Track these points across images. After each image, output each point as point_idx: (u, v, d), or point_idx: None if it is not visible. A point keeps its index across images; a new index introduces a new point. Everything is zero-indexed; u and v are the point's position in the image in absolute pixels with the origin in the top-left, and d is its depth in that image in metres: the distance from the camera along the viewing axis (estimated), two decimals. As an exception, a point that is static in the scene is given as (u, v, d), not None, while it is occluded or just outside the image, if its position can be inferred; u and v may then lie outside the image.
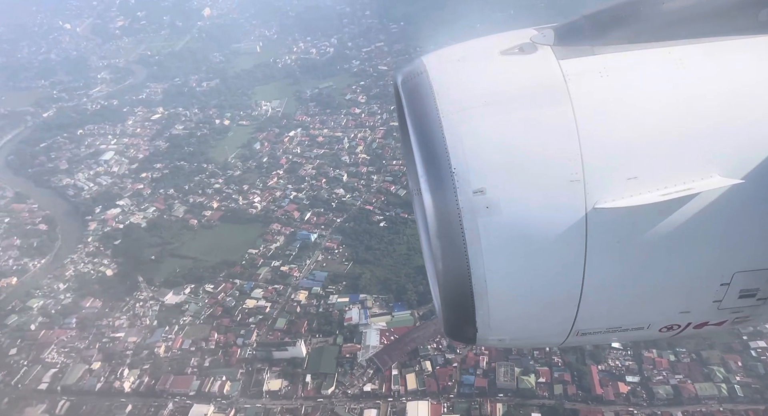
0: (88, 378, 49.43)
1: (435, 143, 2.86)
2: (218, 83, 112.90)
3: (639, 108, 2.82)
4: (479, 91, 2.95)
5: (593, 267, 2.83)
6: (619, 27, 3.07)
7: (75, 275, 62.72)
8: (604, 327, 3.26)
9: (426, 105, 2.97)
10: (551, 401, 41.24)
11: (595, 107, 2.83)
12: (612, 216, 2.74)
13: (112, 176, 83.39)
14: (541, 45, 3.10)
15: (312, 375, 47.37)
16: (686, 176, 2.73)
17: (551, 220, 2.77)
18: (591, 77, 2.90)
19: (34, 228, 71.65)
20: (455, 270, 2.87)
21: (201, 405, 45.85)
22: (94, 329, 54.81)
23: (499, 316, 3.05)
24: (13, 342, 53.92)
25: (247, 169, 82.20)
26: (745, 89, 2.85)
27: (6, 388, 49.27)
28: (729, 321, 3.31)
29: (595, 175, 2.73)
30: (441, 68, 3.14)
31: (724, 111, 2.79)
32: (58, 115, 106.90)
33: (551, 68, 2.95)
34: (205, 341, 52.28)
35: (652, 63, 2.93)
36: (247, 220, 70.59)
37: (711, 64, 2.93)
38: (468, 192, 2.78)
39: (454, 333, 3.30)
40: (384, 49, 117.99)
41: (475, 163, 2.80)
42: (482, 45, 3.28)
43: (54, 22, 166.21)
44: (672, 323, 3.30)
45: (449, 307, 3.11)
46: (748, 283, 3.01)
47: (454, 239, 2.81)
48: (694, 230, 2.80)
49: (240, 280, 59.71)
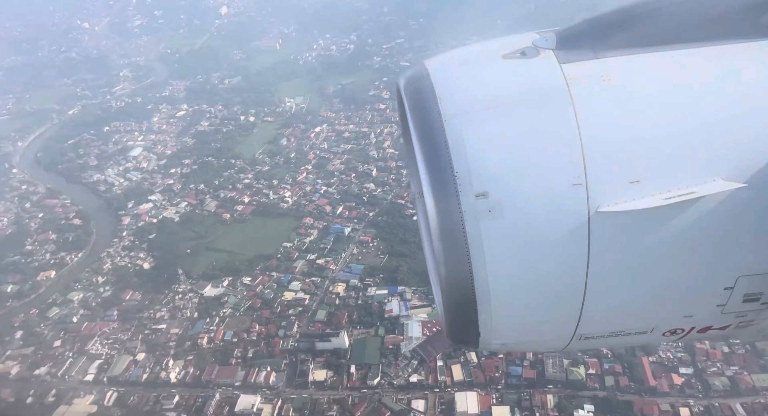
0: (133, 369, 49.93)
1: (437, 147, 2.85)
2: (240, 80, 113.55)
3: (641, 112, 2.80)
4: (481, 95, 2.95)
5: (596, 271, 2.83)
6: (621, 31, 3.06)
7: (112, 268, 63.36)
8: (607, 332, 3.24)
9: (428, 109, 2.96)
10: (603, 392, 41.16)
11: (597, 111, 2.82)
12: (615, 220, 2.73)
13: (141, 172, 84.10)
14: (543, 49, 3.08)
15: (356, 366, 47.61)
16: (689, 180, 2.71)
17: (554, 224, 2.76)
18: (593, 81, 2.89)
19: (68, 223, 72.38)
20: (458, 274, 2.87)
21: (248, 395, 46.18)
22: (135, 321, 55.34)
23: (501, 320, 3.05)
24: (57, 335, 54.56)
25: (276, 165, 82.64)
26: (748, 93, 2.83)
27: (53, 380, 49.88)
28: (733, 326, 3.28)
29: (597, 179, 2.72)
30: (443, 72, 3.14)
31: (726, 115, 2.78)
32: (83, 112, 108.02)
33: (553, 72, 2.94)
34: (247, 332, 52.66)
35: (654, 67, 2.92)
36: (279, 214, 70.97)
37: (713, 68, 2.93)
38: (470, 196, 2.76)
39: (456, 336, 3.30)
40: (405, 45, 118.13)
41: (478, 166, 2.78)
42: (484, 49, 3.27)
43: (72, 21, 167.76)
44: (675, 327, 3.27)
45: (452, 311, 3.10)
46: (752, 287, 2.98)
47: (456, 243, 2.81)
48: (698, 234, 2.78)
49: (277, 273, 60.04)
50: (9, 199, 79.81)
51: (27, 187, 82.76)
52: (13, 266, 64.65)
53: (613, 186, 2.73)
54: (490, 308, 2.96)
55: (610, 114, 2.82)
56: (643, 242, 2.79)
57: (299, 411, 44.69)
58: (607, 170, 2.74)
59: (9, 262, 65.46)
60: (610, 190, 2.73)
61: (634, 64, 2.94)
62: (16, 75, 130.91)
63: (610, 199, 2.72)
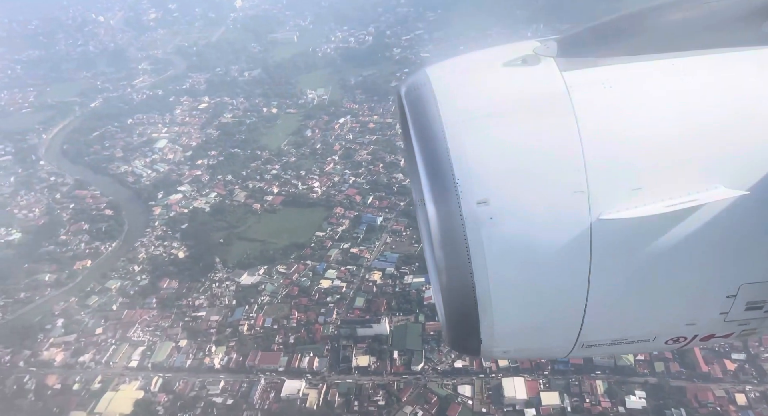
0: (176, 356, 50.45)
1: (438, 153, 2.83)
2: (260, 73, 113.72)
3: (643, 119, 2.78)
4: (483, 102, 2.94)
5: (598, 279, 2.81)
6: (622, 39, 3.07)
7: (147, 257, 63.87)
8: (610, 339, 3.22)
9: (429, 115, 2.94)
10: (653, 379, 41.17)
11: (599, 118, 2.80)
12: (617, 228, 2.71)
13: (168, 163, 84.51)
14: (544, 57, 3.08)
15: (399, 352, 47.94)
16: (691, 187, 2.70)
17: (555, 231, 2.74)
18: (594, 89, 2.88)
19: (100, 214, 72.94)
20: (459, 281, 2.85)
21: (293, 380, 46.62)
22: (174, 308, 55.85)
23: (503, 328, 3.02)
24: (98, 322, 55.13)
25: (302, 156, 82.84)
26: (750, 100, 2.82)
27: (97, 366, 50.50)
28: (736, 334, 3.26)
29: (599, 186, 2.70)
30: (444, 79, 3.13)
31: (728, 122, 2.76)
32: (105, 105, 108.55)
33: (554, 80, 2.94)
34: (287, 319, 53.03)
35: (655, 74, 2.91)
36: (309, 205, 71.23)
37: (714, 75, 2.92)
38: (472, 202, 2.74)
39: (457, 344, 3.27)
40: (424, 36, 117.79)
41: (479, 173, 2.76)
42: (485, 56, 3.27)
43: (87, 14, 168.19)
44: (678, 335, 3.25)
45: (453, 319, 3.08)
46: (754, 295, 2.97)
47: (457, 250, 2.79)
48: (700, 241, 2.77)
49: (311, 261, 60.38)
50: (39, 190, 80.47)
51: (55, 178, 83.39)
52: (49, 255, 65.26)
53: (614, 193, 2.71)
54: (492, 316, 2.93)
55: (611, 121, 2.81)
56: (645, 249, 2.77)
57: (344, 396, 45.04)
58: (609, 177, 2.72)
59: (44, 252, 66.10)
60: (611, 197, 2.71)
61: (635, 71, 2.93)
62: (35, 68, 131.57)
63: (612, 206, 2.70)
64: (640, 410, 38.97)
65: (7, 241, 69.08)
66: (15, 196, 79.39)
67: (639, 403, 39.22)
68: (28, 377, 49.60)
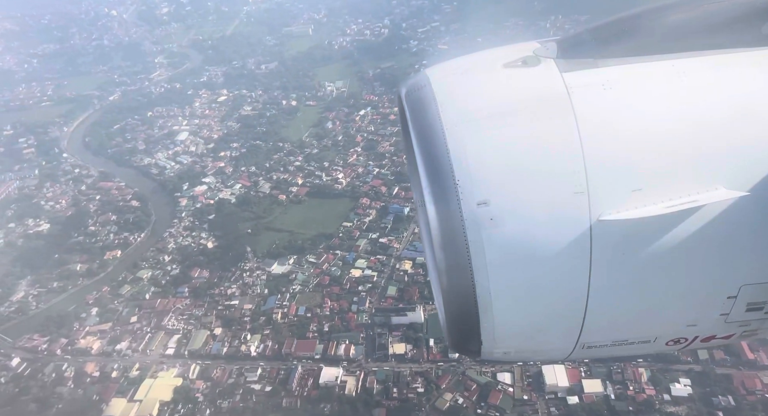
0: (212, 343, 50.83)
1: (439, 155, 2.84)
2: (277, 65, 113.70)
3: (643, 120, 2.78)
4: (483, 104, 2.94)
5: (598, 280, 2.81)
6: (622, 40, 3.06)
7: (177, 248, 64.25)
8: (610, 341, 3.21)
9: (430, 117, 2.95)
10: (698, 366, 41.10)
11: (599, 119, 2.81)
12: (617, 229, 2.71)
13: (191, 155, 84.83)
14: (544, 58, 3.09)
15: (434, 340, 48.12)
16: (691, 188, 2.70)
17: (556, 232, 2.74)
18: (594, 90, 2.88)
19: (126, 205, 73.34)
20: (459, 282, 2.85)
21: (330, 367, 46.90)
22: (207, 297, 56.22)
23: (503, 329, 3.02)
24: (132, 311, 55.57)
25: (324, 147, 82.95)
26: (750, 101, 2.81)
27: (134, 354, 50.95)
28: (737, 335, 3.25)
29: (599, 187, 2.70)
30: (444, 81, 3.14)
31: (728, 123, 2.76)
32: (124, 98, 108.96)
33: (554, 81, 2.94)
34: (320, 308, 53.29)
35: (655, 75, 2.91)
36: (334, 195, 71.38)
37: (714, 76, 2.91)
38: (472, 204, 2.75)
39: (458, 346, 3.27)
40: (441, 28, 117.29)
41: (479, 175, 2.77)
42: (485, 58, 3.28)
43: (99, 9, 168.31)
44: (679, 336, 3.25)
45: (454, 320, 3.08)
46: (755, 296, 2.96)
47: (458, 251, 2.79)
48: (700, 242, 2.76)
49: (340, 251, 60.59)
50: (64, 182, 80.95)
51: (80, 170, 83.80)
52: (79, 246, 65.76)
53: (614, 194, 2.72)
54: (493, 317, 2.93)
55: (611, 122, 2.81)
56: (645, 250, 2.77)
57: (383, 383, 45.29)
58: (609, 178, 2.73)
59: (74, 242, 66.62)
60: (611, 198, 2.71)
61: (634, 72, 2.94)
62: (51, 62, 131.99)
63: (612, 207, 2.70)
64: (686, 397, 38.90)
65: (37, 232, 69.58)
66: (41, 187, 79.88)
67: (684, 391, 39.16)
68: (66, 365, 50.09)
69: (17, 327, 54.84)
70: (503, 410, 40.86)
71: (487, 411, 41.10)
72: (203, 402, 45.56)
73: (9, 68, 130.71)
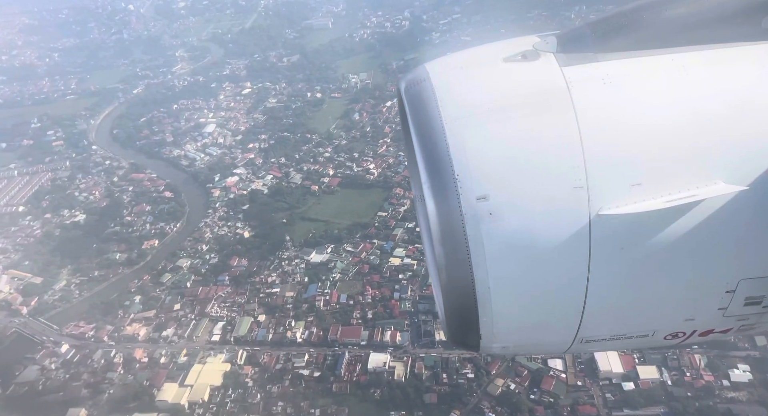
0: (257, 330, 51.28)
1: (438, 149, 2.83)
2: (299, 58, 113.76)
3: (642, 114, 2.77)
4: (482, 98, 2.92)
5: (597, 274, 2.80)
6: (622, 34, 3.03)
7: (213, 237, 64.72)
8: (609, 335, 3.21)
9: (429, 111, 2.94)
10: (756, 352, 40.98)
11: (598, 114, 2.80)
12: (616, 223, 2.71)
13: (219, 147, 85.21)
14: (544, 52, 3.08)
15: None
16: (690, 183, 2.70)
17: (555, 227, 2.73)
18: (594, 84, 2.87)
19: (160, 196, 73.87)
20: (459, 277, 2.84)
21: (377, 353, 47.23)
22: (248, 285, 56.66)
23: (502, 324, 3.01)
24: (174, 299, 56.11)
25: (352, 139, 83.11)
26: (749, 95, 2.80)
27: (180, 340, 51.48)
28: (735, 329, 3.25)
29: (598, 182, 2.70)
30: (444, 75, 3.12)
31: (728, 117, 2.75)
32: (148, 91, 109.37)
33: (554, 75, 2.93)
34: (361, 295, 53.62)
35: (655, 70, 2.89)
36: (367, 186, 71.61)
37: (714, 70, 2.90)
38: (471, 198, 2.74)
39: (457, 340, 3.27)
40: (462, 20, 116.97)
41: (478, 169, 2.76)
42: (485, 52, 3.27)
43: (116, 3, 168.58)
44: (677, 330, 3.25)
45: (453, 315, 3.08)
46: (753, 291, 2.97)
47: (457, 246, 2.79)
48: (699, 237, 2.76)
49: (377, 240, 60.83)
50: (95, 173, 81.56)
51: (110, 162, 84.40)
52: (117, 236, 66.38)
53: (614, 189, 2.71)
54: (491, 312, 2.93)
55: (610, 116, 2.80)
56: (644, 245, 2.77)
57: (431, 369, 45.57)
58: (608, 173, 2.72)
59: (111, 232, 67.24)
60: (611, 192, 2.71)
61: (634, 66, 2.93)
62: (72, 56, 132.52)
63: (611, 201, 2.70)
64: (746, 383, 38.89)
65: (73, 222, 70.23)
66: (73, 179, 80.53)
67: (744, 377, 39.12)
68: (114, 351, 50.73)
69: (62, 315, 55.54)
70: (557, 395, 41.03)
71: (541, 396, 41.27)
72: (253, 387, 46.07)
73: (31, 62, 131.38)
